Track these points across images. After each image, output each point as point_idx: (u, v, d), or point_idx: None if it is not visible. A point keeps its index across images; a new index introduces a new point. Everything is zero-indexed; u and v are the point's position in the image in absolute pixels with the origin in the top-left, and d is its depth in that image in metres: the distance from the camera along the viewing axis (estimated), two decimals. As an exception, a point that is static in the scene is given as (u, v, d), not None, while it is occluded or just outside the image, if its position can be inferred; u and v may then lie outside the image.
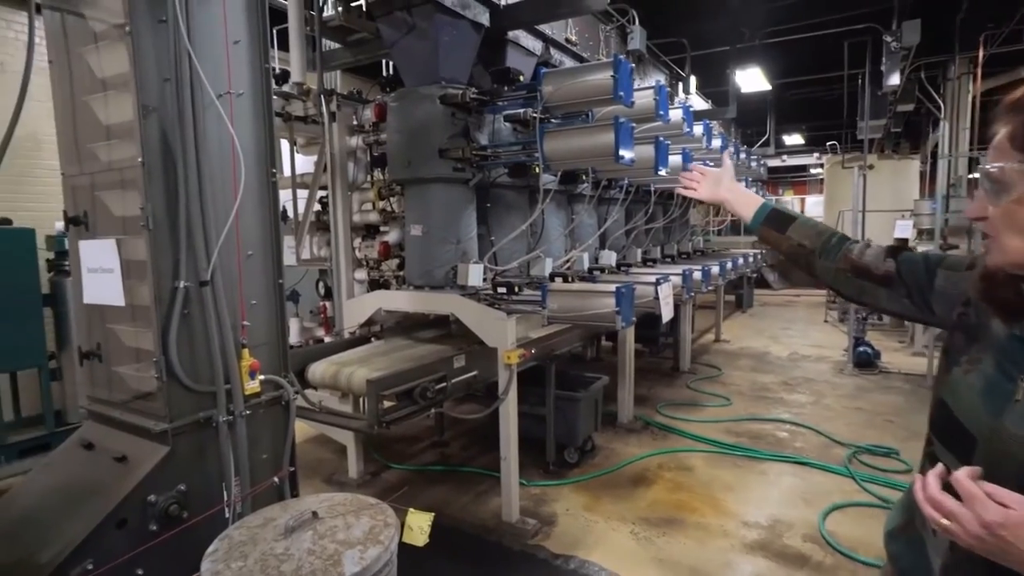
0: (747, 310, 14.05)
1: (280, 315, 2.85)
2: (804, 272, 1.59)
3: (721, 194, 1.78)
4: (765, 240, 1.68)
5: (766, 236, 1.66)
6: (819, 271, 1.53)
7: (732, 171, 1.84)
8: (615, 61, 3.52)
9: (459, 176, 4.13)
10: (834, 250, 1.50)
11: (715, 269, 6.55)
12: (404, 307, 4.30)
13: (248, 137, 2.69)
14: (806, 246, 1.55)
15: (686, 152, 5.16)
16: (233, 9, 2.60)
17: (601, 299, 3.76)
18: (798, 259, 1.59)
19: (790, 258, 1.62)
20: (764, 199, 1.74)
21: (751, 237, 18.29)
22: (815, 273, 1.55)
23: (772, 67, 10.65)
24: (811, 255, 1.54)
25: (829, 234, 1.55)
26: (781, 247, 1.63)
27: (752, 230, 1.70)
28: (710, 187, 1.81)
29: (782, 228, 1.61)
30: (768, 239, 1.66)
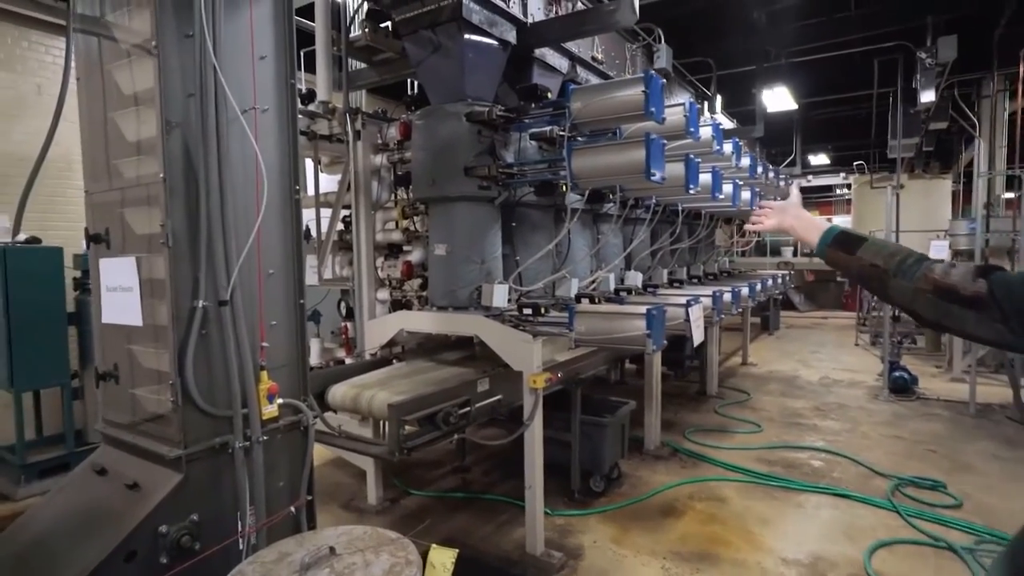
0: (774, 332, 13.71)
1: (300, 336, 2.76)
2: (876, 294, 1.46)
3: (787, 221, 1.76)
4: (833, 263, 1.58)
5: (834, 258, 1.57)
6: (894, 292, 1.39)
7: (799, 200, 1.84)
8: (646, 76, 3.42)
9: (485, 194, 4.04)
10: (912, 269, 1.36)
11: (744, 291, 6.35)
12: (427, 328, 4.20)
13: (272, 154, 2.63)
14: (879, 266, 1.43)
15: (716, 171, 5.03)
16: (260, 24, 2.56)
17: (631, 321, 3.62)
18: (869, 280, 1.46)
19: (860, 279, 1.51)
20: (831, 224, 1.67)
21: (776, 258, 17.98)
22: (889, 295, 1.42)
23: (798, 86, 10.50)
24: (885, 275, 1.41)
25: (905, 253, 1.42)
26: (851, 269, 1.52)
27: (819, 254, 1.62)
28: (778, 215, 1.81)
29: (851, 249, 1.51)
30: (836, 261, 1.57)
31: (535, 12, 4.54)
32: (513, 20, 4.32)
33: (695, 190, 4.39)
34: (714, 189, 5.00)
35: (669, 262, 7.11)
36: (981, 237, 6.87)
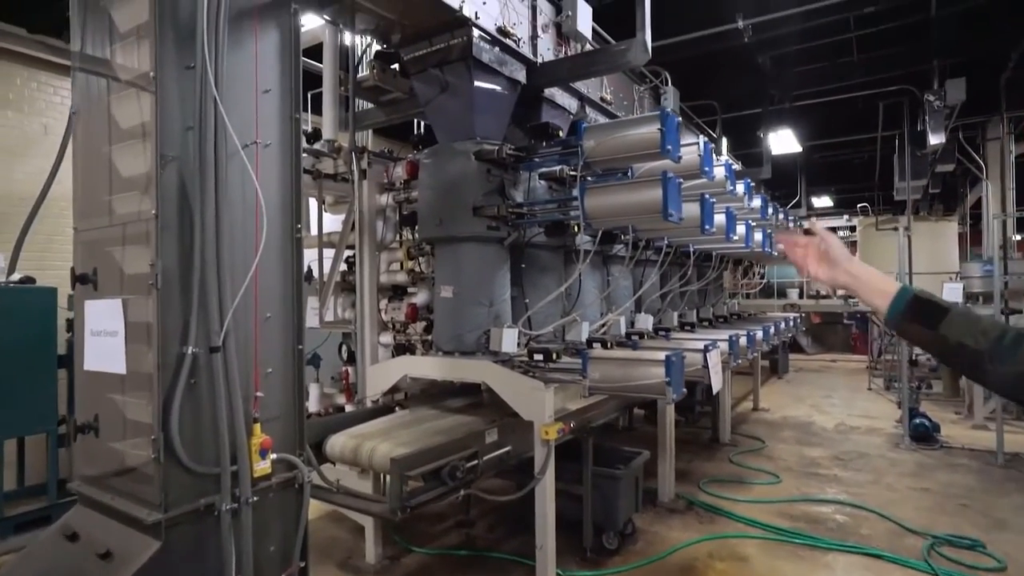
0: (783, 376, 13.42)
1: (298, 385, 2.57)
2: (967, 376, 1.24)
3: (840, 278, 1.41)
4: (907, 337, 1.36)
5: (910, 333, 1.33)
6: (992, 377, 1.18)
7: (842, 246, 1.44)
8: (662, 114, 3.32)
9: (493, 235, 3.90)
10: (1011, 350, 1.15)
11: (759, 334, 6.15)
12: (432, 374, 3.99)
13: (273, 190, 2.49)
14: (969, 346, 1.21)
15: (730, 211, 4.90)
16: (265, 57, 2.47)
17: (648, 368, 3.41)
18: (958, 362, 1.26)
19: (944, 359, 1.30)
20: (900, 282, 1.38)
21: (782, 300, 17.83)
22: (985, 380, 1.21)
23: (802, 129, 10.55)
24: (978, 357, 1.20)
25: (1000, 330, 1.20)
26: (932, 347, 1.30)
27: (889, 324, 1.36)
28: (826, 266, 1.43)
29: (931, 323, 1.26)
30: (912, 336, 1.33)
31: (545, 52, 4.51)
32: (523, 60, 4.27)
33: (711, 231, 4.25)
34: (728, 230, 4.87)
35: (679, 305, 6.93)
36: (1000, 279, 6.71)
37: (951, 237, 13.17)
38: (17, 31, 5.94)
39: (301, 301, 2.57)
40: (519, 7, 4.26)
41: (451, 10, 3.61)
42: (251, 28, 2.39)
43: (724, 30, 6.14)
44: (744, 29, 6.03)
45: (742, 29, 6.01)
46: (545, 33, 4.55)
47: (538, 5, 4.45)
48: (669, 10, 6.16)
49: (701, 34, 6.25)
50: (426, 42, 3.94)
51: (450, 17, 3.71)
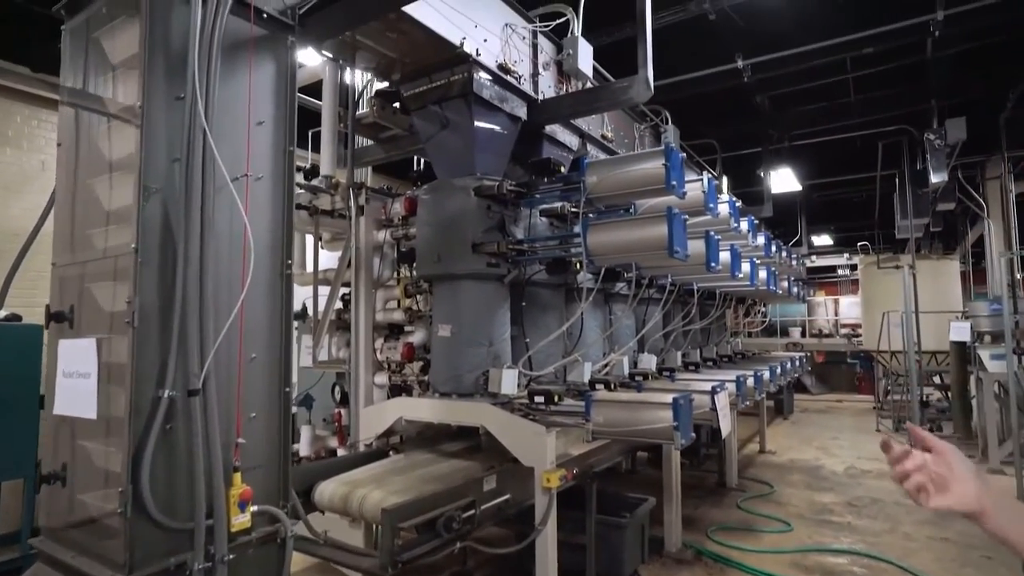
0: (789, 417, 13.13)
1: (284, 431, 2.41)
2: None
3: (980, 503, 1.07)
4: None
5: None
6: None
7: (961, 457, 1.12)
8: (666, 149, 3.25)
9: (493, 272, 3.79)
10: None
11: (766, 374, 5.99)
12: (428, 417, 3.82)
13: (263, 225, 2.39)
14: None
15: (735, 249, 4.81)
16: (259, 89, 2.40)
17: (655, 412, 3.25)
18: None
19: None
20: None
21: (784, 339, 17.65)
22: None
23: (802, 168, 10.60)
24: None
25: None
26: None
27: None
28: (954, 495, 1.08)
29: None
30: None
31: (546, 90, 4.49)
32: (524, 96, 4.24)
33: (717, 268, 4.14)
34: (733, 268, 4.77)
35: (682, 344, 6.79)
36: (1010, 318, 6.58)
37: (953, 275, 13.09)
38: (20, 70, 5.97)
39: (289, 341, 2.44)
40: (520, 45, 4.26)
41: (452, 47, 3.59)
42: (245, 60, 2.33)
43: (724, 70, 6.18)
44: (744, 69, 6.07)
45: (741, 69, 6.05)
46: (546, 71, 4.54)
47: (539, 43, 4.45)
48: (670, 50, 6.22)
49: (701, 74, 6.30)
50: (426, 78, 3.91)
51: (451, 54, 3.69)
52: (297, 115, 2.58)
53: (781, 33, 5.94)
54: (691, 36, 6.14)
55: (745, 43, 6.16)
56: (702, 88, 6.51)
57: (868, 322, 13.41)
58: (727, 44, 6.19)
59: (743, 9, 5.53)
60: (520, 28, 4.26)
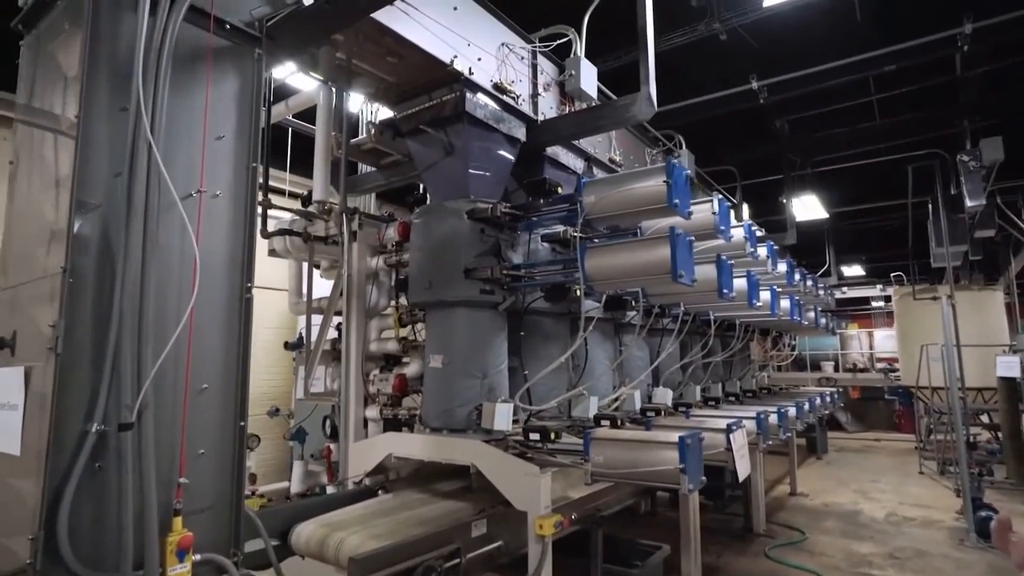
0: (822, 456, 12.41)
1: (237, 469, 2.19)
2: None
3: None
4: None
5: None
6: None
7: None
8: (668, 166, 3.03)
9: (487, 299, 3.57)
10: None
11: (792, 411, 5.58)
12: (417, 454, 3.57)
13: (221, 244, 2.22)
14: None
15: (751, 275, 4.51)
16: (219, 102, 2.26)
17: (660, 452, 2.94)
18: None
19: None
20: None
21: (816, 373, 16.88)
22: None
23: (827, 195, 10.24)
24: None
25: None
26: None
27: None
28: None
29: None
30: None
31: (547, 111, 4.34)
32: (523, 117, 4.09)
33: (730, 295, 3.85)
34: (751, 296, 4.46)
35: (702, 378, 6.42)
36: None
37: (997, 307, 12.38)
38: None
39: (246, 370, 2.24)
40: (518, 65, 4.13)
41: (442, 65, 3.46)
42: (203, 71, 2.20)
43: (738, 91, 5.97)
44: (759, 90, 5.85)
45: (756, 90, 5.84)
46: (547, 92, 4.40)
47: (539, 64, 4.32)
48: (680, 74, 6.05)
49: (714, 96, 6.10)
50: (419, 99, 3.79)
51: (442, 73, 3.57)
52: (270, 132, 2.45)
53: (797, 53, 5.73)
54: (703, 59, 5.98)
55: (760, 64, 5.96)
56: (716, 111, 6.30)
57: (905, 356, 12.73)
58: (741, 66, 6.00)
59: (756, 29, 5.36)
60: (518, 48, 4.14)
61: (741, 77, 6.21)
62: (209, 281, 2.11)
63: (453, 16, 3.59)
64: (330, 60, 3.76)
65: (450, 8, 3.60)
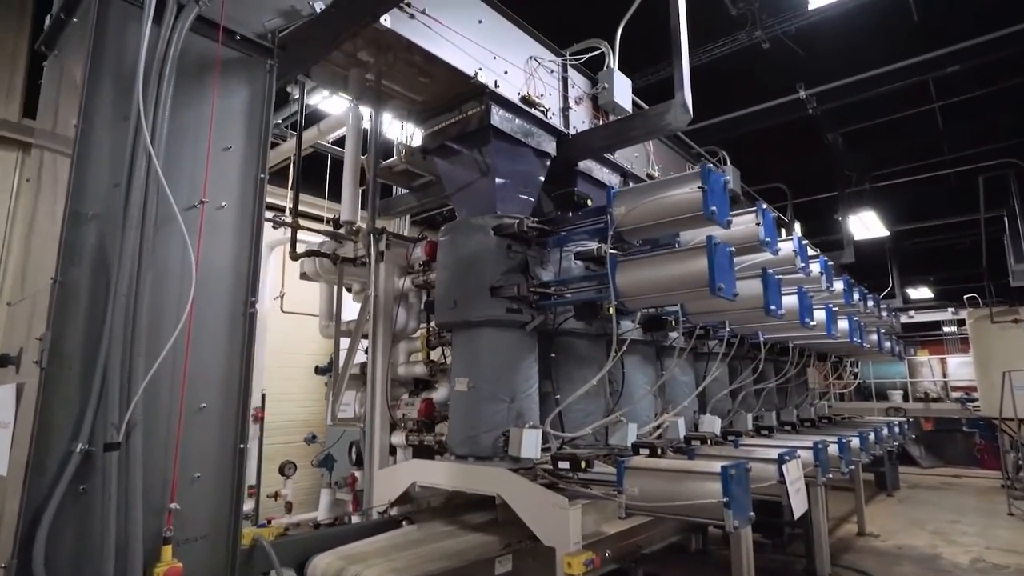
0: (894, 493, 11.45)
1: (235, 494, 2.06)
2: None
3: None
4: None
5: None
6: None
7: None
8: (703, 170, 2.81)
9: (514, 319, 3.39)
10: None
11: (855, 441, 5.10)
12: (441, 482, 3.38)
13: (225, 257, 2.14)
14: None
15: (802, 291, 4.17)
16: (227, 113, 2.21)
17: (701, 483, 2.66)
18: None
19: None
20: None
21: (883, 403, 15.75)
22: None
23: (887, 212, 9.63)
24: None
25: None
26: None
27: None
28: None
29: None
30: None
31: (579, 125, 4.20)
32: (552, 131, 3.96)
33: (778, 313, 3.54)
34: (802, 315, 4.11)
35: (754, 405, 6.00)
36: None
37: (1089, 330, 11.31)
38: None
39: (248, 389, 2.13)
40: (548, 78, 4.02)
41: (466, 78, 3.38)
42: (210, 81, 2.15)
43: (784, 102, 5.68)
44: (807, 100, 5.54)
45: (804, 100, 5.53)
46: (579, 105, 4.26)
47: (570, 77, 4.20)
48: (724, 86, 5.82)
49: (759, 108, 5.82)
50: (446, 115, 3.72)
51: (467, 87, 3.49)
52: (300, 155, 2.39)
53: (847, 60, 5.41)
54: (746, 70, 5.74)
55: (807, 73, 5.66)
56: (762, 124, 6.01)
57: (985, 384, 11.75)
58: (788, 76, 5.72)
59: (801, 35, 5.09)
60: (547, 61, 4.03)
61: (788, 89, 5.92)
62: (210, 295, 2.02)
63: (478, 29, 3.52)
64: (360, 81, 3.76)
65: (474, 21, 3.53)
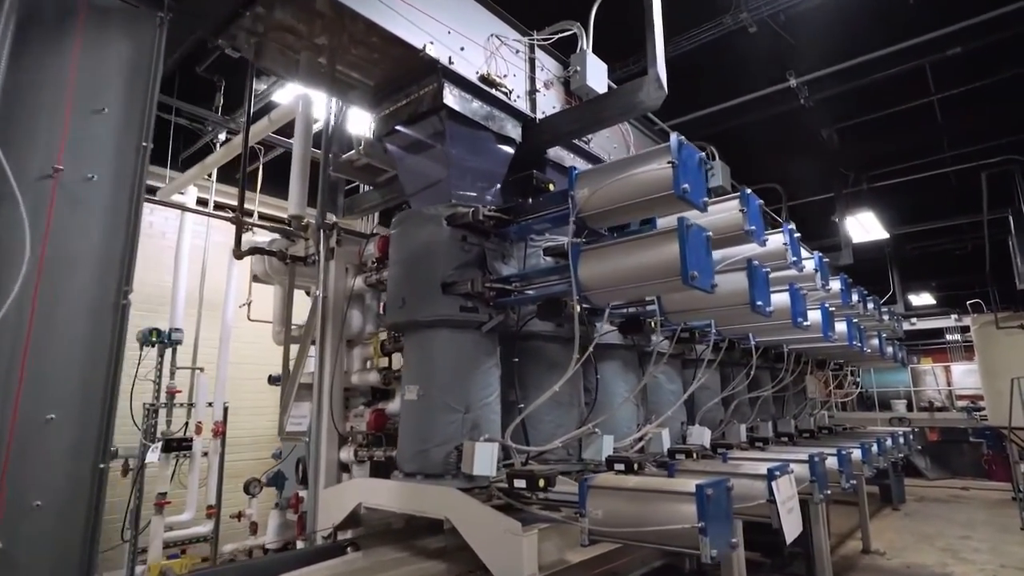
0: (899, 507, 10.98)
1: (90, 527, 1.68)
2: None
3: None
4: None
5: None
6: None
7: None
8: (674, 143, 2.46)
9: (469, 318, 3.03)
10: None
11: (856, 453, 4.71)
12: (386, 503, 2.99)
13: (90, 238, 1.78)
14: None
15: (794, 288, 3.80)
16: (98, 69, 1.86)
17: (673, 504, 2.27)
18: None
19: None
20: None
21: (886, 413, 15.29)
22: None
23: (886, 213, 9.29)
24: None
25: None
26: None
27: None
28: None
29: None
30: None
31: (548, 110, 3.86)
32: (517, 115, 3.62)
33: (766, 310, 3.17)
34: (795, 313, 3.74)
35: (748, 415, 5.61)
36: None
37: (1097, 335, 10.93)
38: None
39: (114, 397, 1.76)
40: (513, 59, 3.69)
41: (414, 51, 3.04)
42: (73, 30, 1.81)
43: (773, 91, 5.34)
44: (797, 89, 5.21)
45: (795, 89, 5.20)
46: (549, 90, 3.93)
47: (538, 59, 3.87)
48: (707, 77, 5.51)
49: (747, 98, 5.49)
50: (397, 96, 3.39)
51: (417, 63, 3.15)
52: (247, 148, 2.04)
53: (839, 47, 5.08)
54: (732, 60, 5.41)
55: (798, 61, 5.33)
56: (751, 116, 5.67)
57: (991, 392, 11.35)
58: (778, 66, 5.40)
59: (789, 19, 4.77)
60: (512, 41, 3.71)
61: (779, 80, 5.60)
62: (63, 282, 1.66)
63: (429, 0, 3.19)
64: (312, 65, 3.44)
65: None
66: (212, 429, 5.66)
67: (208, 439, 5.62)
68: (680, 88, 3.73)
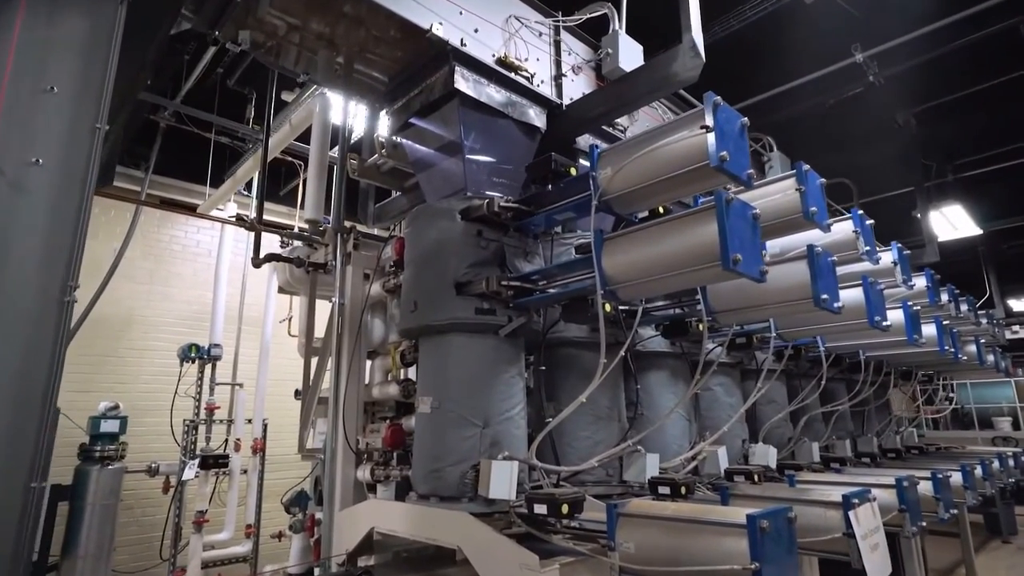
0: (1010, 539, 9.69)
1: (21, 552, 1.46)
2: None
3: None
4: None
5: None
6: None
7: None
8: (711, 104, 2.08)
9: (485, 321, 2.72)
10: None
11: (955, 477, 4.04)
12: (399, 529, 2.69)
13: (31, 228, 1.60)
14: None
15: (867, 282, 3.26)
16: (46, 45, 1.71)
17: (719, 539, 1.85)
18: None
19: None
20: None
21: (987, 432, 13.72)
22: None
23: (977, 208, 8.33)
24: None
25: None
26: None
27: None
28: None
29: None
30: None
31: (576, 96, 3.54)
32: (541, 101, 3.32)
33: (834, 306, 2.69)
34: (871, 312, 3.20)
35: (822, 433, 4.99)
36: None
37: None
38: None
39: (52, 401, 1.55)
40: (536, 41, 3.41)
41: (421, 33, 2.81)
42: (14, 5, 1.66)
43: (836, 69, 4.79)
44: (865, 65, 4.65)
45: (863, 65, 4.64)
46: (578, 75, 3.62)
47: (564, 42, 3.57)
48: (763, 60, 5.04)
49: (805, 79, 4.95)
50: (409, 85, 3.17)
51: (428, 50, 2.92)
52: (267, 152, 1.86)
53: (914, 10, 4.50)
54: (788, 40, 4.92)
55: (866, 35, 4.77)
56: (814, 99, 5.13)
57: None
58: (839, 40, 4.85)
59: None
60: (534, 23, 3.43)
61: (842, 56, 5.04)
62: (1, 276, 1.47)
63: (439, -20, 2.97)
64: (328, 64, 3.30)
65: (435, -29, 2.99)
66: (251, 446, 5.57)
67: (247, 456, 5.53)
68: (728, 72, 3.33)
